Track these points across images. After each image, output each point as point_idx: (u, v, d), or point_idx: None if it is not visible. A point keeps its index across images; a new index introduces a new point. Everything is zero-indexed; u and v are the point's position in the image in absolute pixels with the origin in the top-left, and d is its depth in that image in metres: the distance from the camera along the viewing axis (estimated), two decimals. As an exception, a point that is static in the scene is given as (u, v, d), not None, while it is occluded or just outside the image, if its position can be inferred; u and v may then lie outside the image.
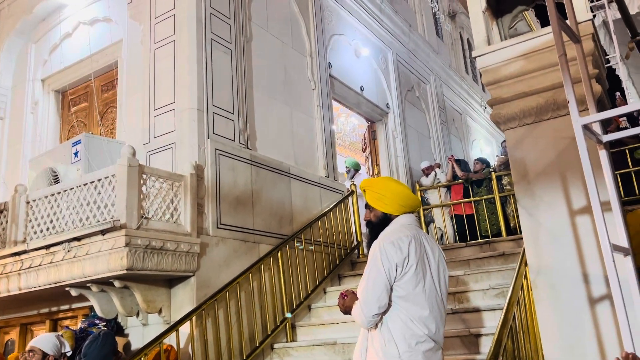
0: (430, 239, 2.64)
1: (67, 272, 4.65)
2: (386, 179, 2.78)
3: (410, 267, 2.42)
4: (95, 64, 6.58)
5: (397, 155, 9.63)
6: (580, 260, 3.29)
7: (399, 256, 2.42)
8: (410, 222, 2.63)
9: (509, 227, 7.50)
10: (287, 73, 7.06)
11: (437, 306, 2.46)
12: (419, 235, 2.56)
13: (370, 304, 2.42)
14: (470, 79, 14.63)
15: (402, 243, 2.45)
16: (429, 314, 2.41)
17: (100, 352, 3.79)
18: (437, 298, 2.48)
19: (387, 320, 2.45)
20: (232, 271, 5.19)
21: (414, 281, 2.42)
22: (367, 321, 2.44)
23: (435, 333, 2.42)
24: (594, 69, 3.39)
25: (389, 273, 2.42)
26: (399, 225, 2.60)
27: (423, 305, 2.42)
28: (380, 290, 2.41)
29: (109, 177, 4.59)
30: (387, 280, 2.42)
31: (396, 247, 2.44)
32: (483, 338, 4.31)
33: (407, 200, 2.65)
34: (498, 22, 4.24)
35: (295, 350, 5.18)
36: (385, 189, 2.67)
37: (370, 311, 2.42)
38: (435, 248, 2.60)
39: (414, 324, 2.40)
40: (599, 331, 3.18)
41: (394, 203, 2.64)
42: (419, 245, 2.50)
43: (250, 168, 5.88)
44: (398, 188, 2.68)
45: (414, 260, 2.44)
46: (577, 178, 3.35)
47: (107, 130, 6.56)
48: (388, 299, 2.42)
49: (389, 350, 2.39)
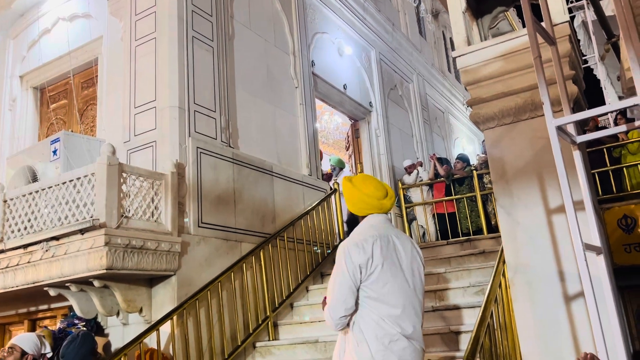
0: (403, 236, 2.61)
1: (46, 271, 4.59)
2: (359, 178, 2.69)
3: (375, 267, 2.41)
4: (74, 61, 6.50)
5: (380, 153, 9.67)
6: (556, 259, 3.35)
7: (362, 257, 2.42)
8: (378, 222, 2.59)
9: (490, 224, 7.59)
10: (269, 71, 7.04)
11: (410, 304, 2.45)
12: (388, 234, 2.53)
13: (336, 307, 2.44)
14: (453, 78, 14.74)
15: (366, 244, 2.45)
16: (402, 312, 2.41)
17: (78, 352, 3.75)
18: (411, 296, 2.47)
19: (358, 320, 2.45)
20: (213, 270, 5.17)
21: (381, 281, 2.42)
22: (334, 324, 2.47)
23: (410, 331, 2.41)
24: (571, 70, 3.44)
25: (353, 275, 2.42)
26: (367, 226, 2.59)
27: (394, 304, 2.41)
28: (345, 293, 2.42)
29: (88, 175, 4.54)
30: (351, 282, 2.42)
31: (359, 248, 2.44)
32: (463, 335, 4.35)
33: (373, 202, 2.59)
34: (478, 22, 4.29)
35: (277, 348, 5.18)
36: (353, 189, 2.63)
37: (337, 314, 2.43)
38: (407, 246, 2.56)
39: (385, 322, 2.39)
40: (574, 327, 3.25)
41: (360, 204, 2.62)
42: (386, 244, 2.48)
43: (233, 166, 5.86)
44: (367, 189, 2.61)
45: (379, 260, 2.42)
46: (553, 178, 3.40)
47: (86, 128, 6.49)
48: (354, 300, 2.43)
49: (361, 350, 2.40)
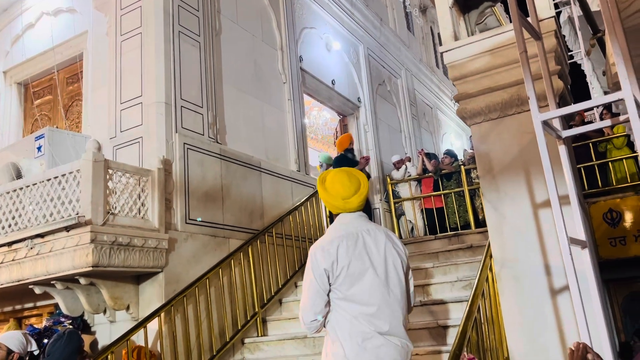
0: (376, 231, 2.51)
1: (31, 269, 4.54)
2: (330, 177, 2.59)
3: (341, 269, 2.38)
4: (59, 56, 6.42)
5: (369, 148, 9.67)
6: (543, 253, 3.37)
7: (327, 261, 2.39)
8: (349, 220, 2.53)
9: (478, 219, 7.63)
10: (257, 66, 7.01)
11: (385, 302, 2.37)
12: (357, 231, 2.47)
13: (306, 311, 2.43)
14: (441, 73, 14.77)
15: (331, 247, 2.41)
16: (376, 310, 2.35)
17: (64, 351, 3.71)
18: (386, 293, 2.39)
19: (332, 320, 2.43)
20: (201, 267, 5.15)
21: (348, 282, 2.38)
22: (306, 327, 2.47)
23: (386, 328, 2.34)
24: (556, 65, 3.46)
25: (320, 279, 2.40)
26: (337, 225, 2.55)
27: (366, 302, 2.36)
28: (313, 297, 2.41)
29: (73, 172, 4.49)
30: (318, 287, 2.40)
31: (325, 251, 2.41)
32: (450, 329, 4.38)
33: (337, 202, 2.52)
34: (465, 17, 4.29)
35: (266, 344, 5.18)
36: (321, 190, 2.58)
37: (307, 317, 2.43)
38: (380, 240, 2.47)
39: (358, 321, 2.35)
40: (560, 321, 3.27)
41: (327, 204, 2.59)
42: (354, 243, 2.42)
43: (220, 162, 5.83)
44: (332, 189, 2.53)
45: (345, 261, 2.38)
46: (539, 172, 3.42)
47: (72, 124, 6.41)
48: (324, 304, 2.41)
49: (335, 349, 2.38)
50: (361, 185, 2.54)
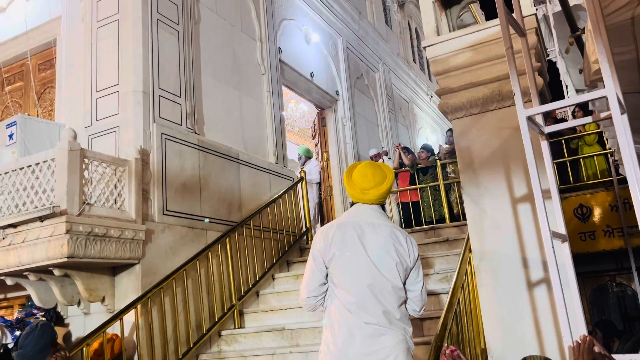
0: (382, 224, 2.52)
1: (2, 260, 4.42)
2: (361, 165, 2.66)
3: (332, 254, 2.46)
4: (31, 41, 6.21)
5: (346, 142, 9.70)
6: (521, 246, 3.44)
7: (321, 244, 2.49)
8: (358, 210, 2.59)
9: (453, 213, 7.74)
10: (236, 57, 6.93)
11: (373, 294, 2.38)
12: (361, 221, 2.51)
13: (303, 289, 2.55)
14: (418, 68, 14.88)
15: (329, 230, 2.52)
16: (360, 301, 2.38)
17: (37, 343, 3.61)
18: (378, 284, 2.40)
19: (328, 306, 2.52)
20: (179, 258, 5.09)
21: (339, 269, 2.45)
22: (303, 304, 2.58)
23: (374, 319, 2.36)
24: (537, 62, 3.52)
25: (315, 260, 2.51)
26: (347, 212, 2.65)
27: (353, 292, 2.40)
28: (310, 276, 2.52)
29: (47, 161, 4.37)
30: (314, 267, 2.51)
31: (323, 235, 2.53)
32: (427, 321, 4.44)
33: (355, 192, 2.59)
34: (447, 13, 4.33)
35: (243, 336, 5.16)
36: (346, 176, 2.65)
37: (302, 295, 2.55)
38: (383, 233, 2.49)
39: (347, 309, 2.40)
40: (536, 313, 3.35)
41: (347, 191, 2.67)
42: (353, 231, 2.47)
43: (198, 153, 5.76)
44: (355, 177, 2.60)
45: (337, 247, 2.45)
46: (519, 167, 3.48)
47: (44, 112, 6.24)
48: (318, 284, 2.51)
49: (326, 335, 2.46)
50: (385, 180, 2.58)
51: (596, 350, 1.74)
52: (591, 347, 1.74)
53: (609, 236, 6.26)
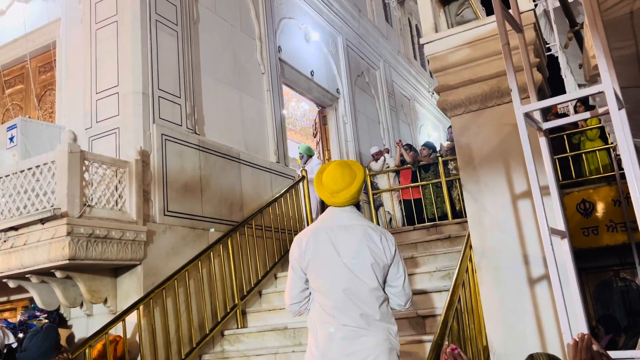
0: (356, 225, 2.48)
1: (4, 263, 4.44)
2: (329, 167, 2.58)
3: (307, 261, 2.48)
4: (31, 44, 6.23)
5: (348, 140, 9.68)
6: (521, 243, 3.43)
7: (297, 252, 2.52)
8: (330, 213, 2.56)
9: (455, 210, 7.72)
10: (236, 57, 6.93)
11: (348, 297, 2.37)
12: (334, 225, 2.48)
13: (286, 296, 2.61)
14: (419, 65, 14.84)
15: (303, 238, 2.54)
16: (337, 304, 2.38)
17: (41, 346, 3.62)
18: (353, 287, 2.38)
19: (310, 310, 2.56)
20: (180, 259, 5.09)
21: (314, 274, 2.47)
22: (288, 310, 2.63)
23: (353, 322, 2.35)
24: (535, 57, 3.50)
25: (294, 269, 2.55)
26: (320, 216, 2.65)
27: (329, 295, 2.41)
28: (291, 284, 2.57)
29: (48, 163, 4.38)
30: (294, 275, 2.55)
31: (296, 243, 2.56)
32: (429, 319, 4.43)
33: (325, 195, 2.54)
34: (445, 9, 4.31)
35: (245, 336, 5.17)
36: (317, 178, 2.59)
37: (287, 301, 2.61)
38: (356, 234, 2.44)
39: (325, 312, 2.42)
40: (538, 310, 3.34)
41: (321, 196, 2.61)
42: (326, 236, 2.45)
43: (199, 154, 5.76)
44: (325, 180, 2.55)
45: (311, 254, 2.47)
46: (518, 164, 3.47)
47: (45, 114, 6.25)
48: (299, 291, 2.55)
49: (309, 337, 2.50)
50: (355, 180, 2.51)
51: (594, 349, 1.73)
52: (589, 346, 1.73)
53: (612, 231, 6.24)
